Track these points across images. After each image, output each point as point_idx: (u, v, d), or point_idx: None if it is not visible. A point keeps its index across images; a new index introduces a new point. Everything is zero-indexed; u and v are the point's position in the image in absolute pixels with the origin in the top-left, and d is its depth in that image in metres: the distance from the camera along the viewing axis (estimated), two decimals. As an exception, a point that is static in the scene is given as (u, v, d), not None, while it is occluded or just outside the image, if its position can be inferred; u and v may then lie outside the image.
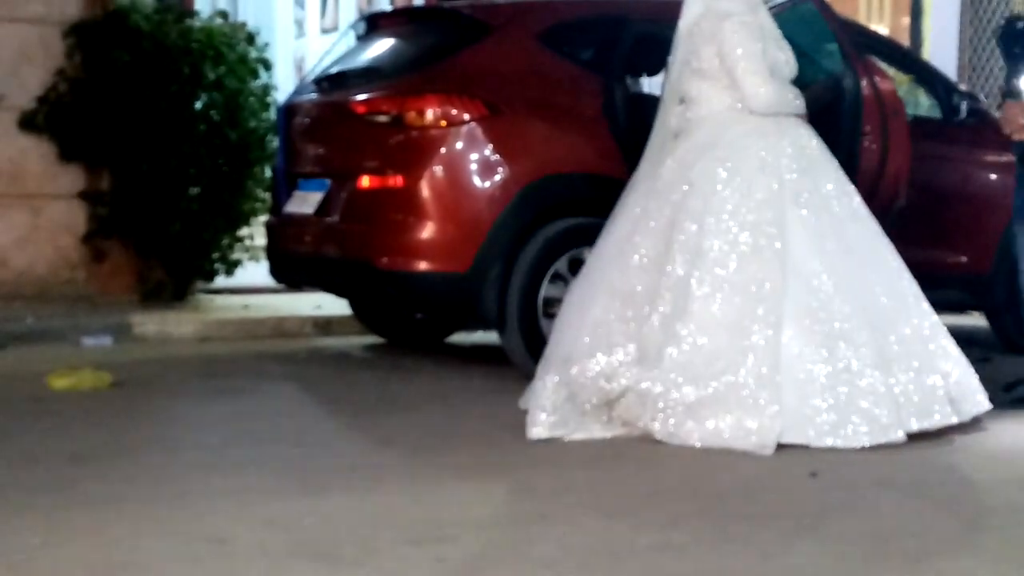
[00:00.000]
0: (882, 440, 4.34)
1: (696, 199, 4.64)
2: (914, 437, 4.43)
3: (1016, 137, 5.28)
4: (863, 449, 4.30)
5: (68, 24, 7.55)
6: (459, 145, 5.56)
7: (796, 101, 4.90)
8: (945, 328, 4.80)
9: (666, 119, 4.98)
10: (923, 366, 4.59)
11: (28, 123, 7.53)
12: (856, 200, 4.84)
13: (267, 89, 7.88)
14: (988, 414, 4.76)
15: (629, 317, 4.59)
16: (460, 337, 7.03)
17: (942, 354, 4.70)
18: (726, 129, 4.79)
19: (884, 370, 4.47)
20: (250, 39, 7.88)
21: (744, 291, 4.48)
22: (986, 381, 4.82)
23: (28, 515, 3.37)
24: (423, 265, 5.56)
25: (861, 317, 4.52)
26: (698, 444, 4.30)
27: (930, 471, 4.14)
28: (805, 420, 4.34)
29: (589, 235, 5.12)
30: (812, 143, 4.86)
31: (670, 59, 5.00)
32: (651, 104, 5.25)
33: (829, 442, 4.31)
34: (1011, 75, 5.36)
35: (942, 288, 5.98)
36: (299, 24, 14.02)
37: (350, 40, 6.85)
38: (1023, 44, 5.32)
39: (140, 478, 3.81)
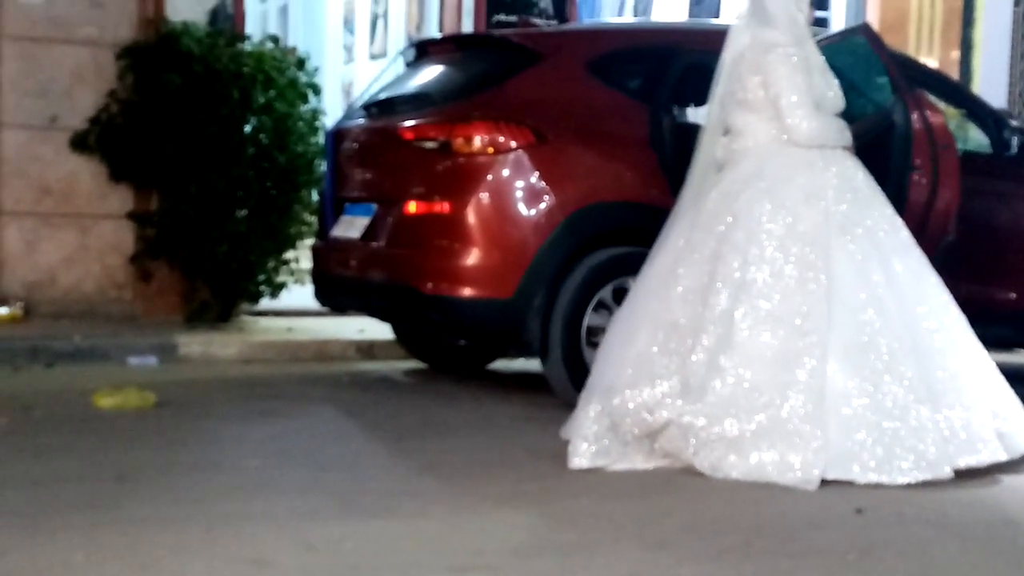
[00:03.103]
0: (929, 477, 4.29)
1: (740, 231, 4.62)
2: (961, 474, 4.37)
3: None
4: (909, 486, 4.25)
5: (121, 47, 7.65)
6: (506, 172, 5.57)
7: (841, 134, 4.86)
8: (994, 364, 4.75)
9: (708, 149, 4.96)
10: (971, 401, 4.54)
11: (80, 143, 7.62)
12: (903, 233, 4.80)
13: (316, 114, 7.93)
14: (1037, 453, 4.69)
15: (672, 349, 4.56)
16: (502, 364, 7.02)
17: (990, 389, 4.65)
18: (771, 160, 4.77)
19: (931, 405, 4.42)
20: (300, 64, 7.94)
21: (789, 324, 4.45)
22: (1035, 420, 4.76)
23: (72, 532, 3.40)
24: (467, 291, 5.56)
25: (908, 351, 4.48)
26: (741, 478, 4.27)
27: (978, 510, 4.09)
28: (850, 455, 4.30)
29: (634, 264, 5.11)
30: (859, 175, 4.83)
31: (714, 90, 4.99)
32: (698, 134, 5.23)
33: (874, 478, 4.26)
34: None
35: (990, 324, 5.91)
36: (348, 49, 14.12)
37: (399, 66, 6.89)
38: None
39: (183, 499, 3.82)
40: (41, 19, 7.61)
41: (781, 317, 4.46)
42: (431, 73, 6.36)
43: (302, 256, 7.82)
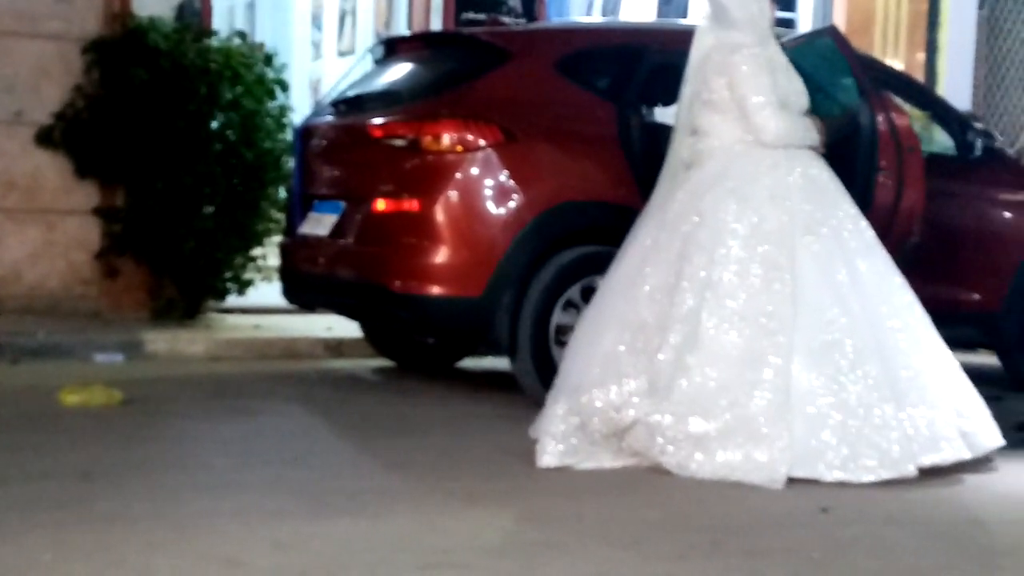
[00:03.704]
0: (893, 474, 4.33)
1: (706, 230, 4.64)
2: (925, 473, 4.42)
3: None
4: (874, 484, 4.29)
5: (87, 41, 7.59)
6: (474, 170, 5.58)
7: (808, 133, 4.90)
8: (958, 363, 4.80)
9: (678, 150, 5.00)
10: (935, 400, 4.58)
11: (45, 138, 7.56)
12: (868, 233, 4.84)
13: (283, 110, 7.90)
14: (999, 453, 4.75)
15: (639, 348, 4.58)
16: (470, 362, 7.03)
17: (954, 388, 4.70)
18: (736, 160, 4.80)
19: (895, 404, 4.46)
20: (268, 60, 7.90)
21: (754, 323, 4.48)
22: (997, 420, 4.81)
23: (38, 532, 3.38)
24: (436, 289, 5.57)
25: (872, 350, 4.52)
26: (708, 476, 4.29)
27: (942, 509, 4.13)
28: (815, 454, 4.33)
29: (602, 263, 5.13)
30: (823, 175, 4.87)
31: (682, 91, 5.02)
32: (666, 133, 5.26)
33: (839, 476, 4.30)
34: None
35: (954, 325, 5.98)
36: (316, 46, 14.06)
37: (367, 63, 6.88)
38: None
39: (150, 497, 3.80)
40: (6, 13, 7.53)
41: (747, 316, 4.49)
42: (400, 71, 6.36)
43: (270, 253, 7.80)
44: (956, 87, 10.26)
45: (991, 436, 4.70)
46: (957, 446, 4.53)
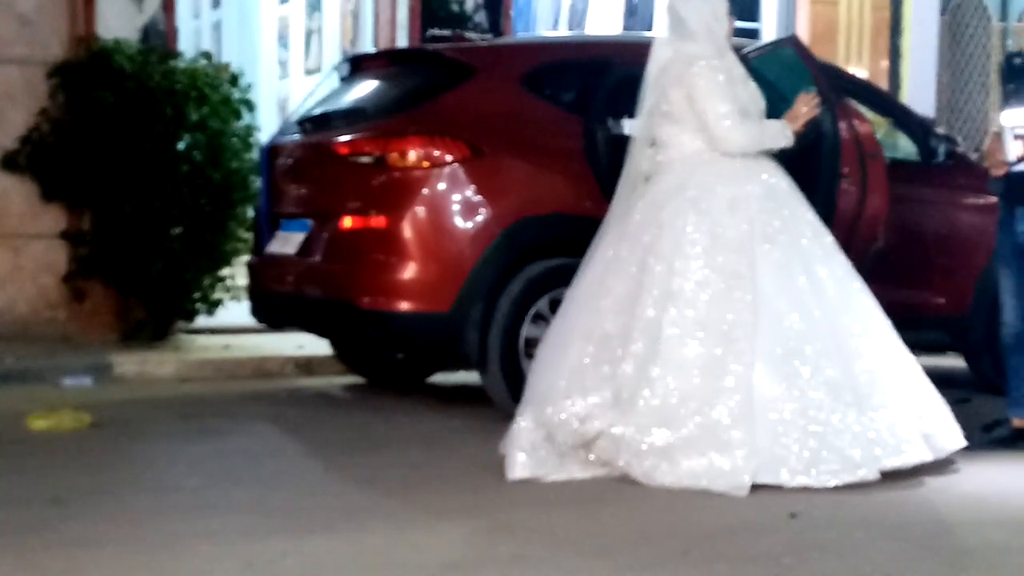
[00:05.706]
0: (856, 478, 4.36)
1: (666, 241, 4.67)
2: (889, 475, 4.44)
3: (994, 173, 5.29)
4: (839, 488, 4.31)
5: (52, 65, 7.58)
6: (441, 186, 5.59)
7: (780, 133, 4.89)
8: (919, 366, 4.83)
9: (637, 162, 5.02)
10: (896, 403, 4.61)
11: (10, 163, 7.54)
12: (827, 239, 4.87)
13: (250, 130, 7.90)
14: (964, 455, 4.78)
15: (603, 360, 4.60)
16: (441, 377, 7.03)
17: (915, 391, 4.73)
18: (695, 171, 4.83)
19: (857, 408, 4.49)
20: (233, 80, 7.90)
21: (715, 332, 4.51)
22: (965, 422, 4.85)
23: (9, 557, 3.37)
24: (405, 305, 5.58)
25: (833, 355, 4.55)
26: (674, 485, 4.31)
27: (908, 512, 4.16)
28: (778, 460, 4.36)
29: (570, 275, 5.13)
30: (782, 183, 4.90)
31: (640, 103, 5.04)
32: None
33: (802, 481, 4.33)
34: (1002, 109, 5.38)
35: (921, 329, 6.03)
36: (282, 65, 14.06)
37: (333, 81, 6.89)
38: (1018, 80, 5.33)
39: (121, 520, 3.80)
40: (-31, 38, 7.53)
41: (708, 325, 4.52)
42: (365, 88, 6.37)
43: (238, 273, 7.78)
44: (920, 92, 10.36)
45: (952, 438, 4.74)
46: (919, 449, 4.56)
